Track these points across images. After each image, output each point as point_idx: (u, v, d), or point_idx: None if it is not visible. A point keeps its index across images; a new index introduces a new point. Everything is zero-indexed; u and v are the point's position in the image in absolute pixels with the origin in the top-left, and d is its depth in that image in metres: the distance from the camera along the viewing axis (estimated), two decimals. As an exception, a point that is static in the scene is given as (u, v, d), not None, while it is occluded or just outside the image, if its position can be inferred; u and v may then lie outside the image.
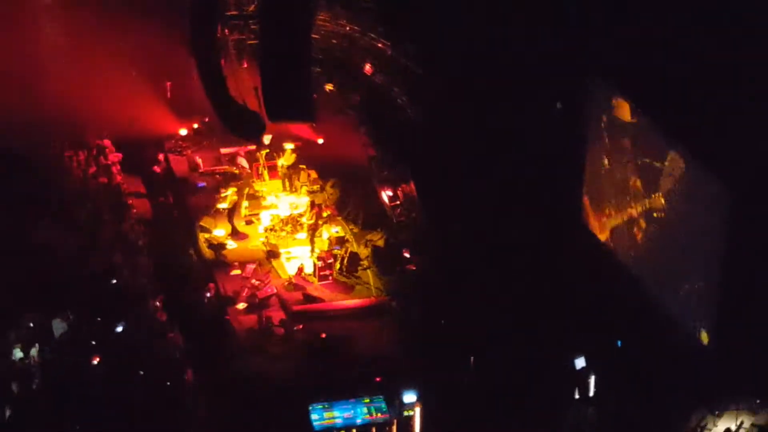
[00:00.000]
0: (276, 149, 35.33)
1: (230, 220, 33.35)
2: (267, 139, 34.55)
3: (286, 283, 31.70)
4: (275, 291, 31.26)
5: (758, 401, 25.66)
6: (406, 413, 27.19)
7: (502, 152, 30.10)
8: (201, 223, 33.41)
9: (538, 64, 29.08)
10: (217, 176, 35.63)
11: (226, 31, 33.39)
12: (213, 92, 31.74)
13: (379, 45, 33.39)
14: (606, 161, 28.63)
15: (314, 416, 26.86)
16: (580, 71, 28.38)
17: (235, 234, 33.29)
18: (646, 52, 25.82)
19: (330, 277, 31.88)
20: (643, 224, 27.29)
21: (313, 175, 34.78)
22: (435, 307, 29.92)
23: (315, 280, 31.82)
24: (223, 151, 36.49)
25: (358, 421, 27.03)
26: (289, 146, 35.12)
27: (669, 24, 25.37)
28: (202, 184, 35.35)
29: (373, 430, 27.12)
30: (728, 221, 24.22)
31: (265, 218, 33.79)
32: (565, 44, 28.39)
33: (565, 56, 28.49)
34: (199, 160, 36.12)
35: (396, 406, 27.21)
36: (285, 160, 35.11)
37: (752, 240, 23.70)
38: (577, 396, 27.81)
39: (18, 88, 33.83)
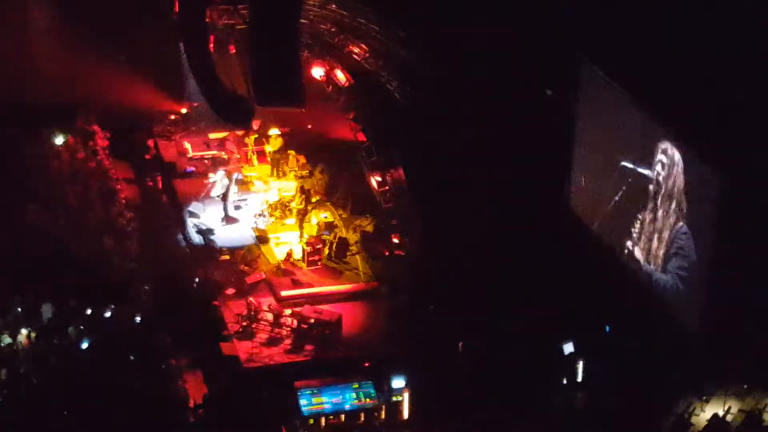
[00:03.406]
0: (263, 135, 35.30)
1: (224, 206, 33.32)
2: (256, 124, 34.52)
3: (275, 269, 31.69)
4: (264, 276, 31.26)
5: (746, 386, 25.75)
6: (394, 398, 27.25)
7: (492, 138, 30.09)
8: (190, 209, 33.37)
9: (530, 50, 29.07)
10: (206, 161, 35.59)
11: (215, 16, 33.29)
12: (202, 77, 31.73)
13: (369, 30, 33.33)
14: (597, 149, 28.64)
15: (303, 401, 26.90)
16: (572, 58, 28.35)
17: (225, 219, 33.30)
18: (639, 40, 25.84)
19: (319, 263, 31.87)
20: (634, 212, 27.30)
21: (302, 160, 34.74)
22: (424, 293, 29.95)
23: (304, 265, 31.80)
24: (212, 136, 36.44)
25: (347, 406, 27.08)
26: (274, 131, 35.07)
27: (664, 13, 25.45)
28: (190, 169, 35.31)
29: (362, 415, 27.18)
30: (719, 208, 24.24)
31: (254, 203, 33.77)
32: (559, 30, 28.35)
33: (558, 43, 28.46)
34: (188, 145, 36.08)
35: (385, 391, 27.26)
36: (272, 146, 35.09)
37: (742, 228, 23.75)
38: (565, 381, 27.89)
39: (6, 72, 33.73)
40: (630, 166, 27.00)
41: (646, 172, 26.53)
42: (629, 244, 27.57)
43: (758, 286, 24.03)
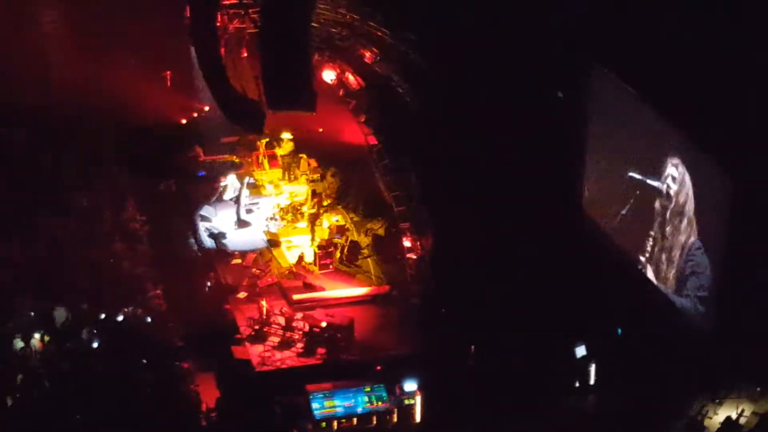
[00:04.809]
0: (274, 139, 35.32)
1: (237, 209, 33.36)
2: (267, 128, 34.46)
3: (287, 272, 31.71)
4: (276, 280, 31.28)
5: (759, 389, 25.69)
6: (406, 401, 27.26)
7: (503, 141, 30.06)
8: (201, 212, 33.41)
9: (540, 53, 29.02)
10: (218, 165, 35.62)
11: (226, 20, 33.32)
12: (213, 81, 31.74)
13: (379, 33, 33.33)
14: (607, 151, 28.58)
15: (315, 405, 26.92)
16: (584, 60, 28.30)
17: (237, 222, 33.33)
18: (649, 43, 25.79)
19: (330, 266, 31.91)
20: (643, 226, 27.21)
21: (314, 163, 34.76)
22: (435, 296, 29.93)
23: (315, 268, 31.84)
24: (224, 139, 36.47)
25: (359, 409, 27.09)
26: (286, 135, 35.11)
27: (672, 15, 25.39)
28: (202, 173, 35.35)
29: (374, 418, 27.18)
30: (729, 212, 24.18)
31: (266, 207, 33.79)
32: (571, 34, 28.32)
33: (569, 46, 28.43)
34: (200, 149, 36.09)
35: (397, 394, 27.27)
36: (283, 150, 35.10)
37: (753, 229, 23.68)
38: (577, 384, 27.85)
39: (17, 76, 33.78)
40: (638, 176, 26.92)
41: (655, 183, 26.43)
42: (641, 259, 27.46)
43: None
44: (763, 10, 23.86)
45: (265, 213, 33.63)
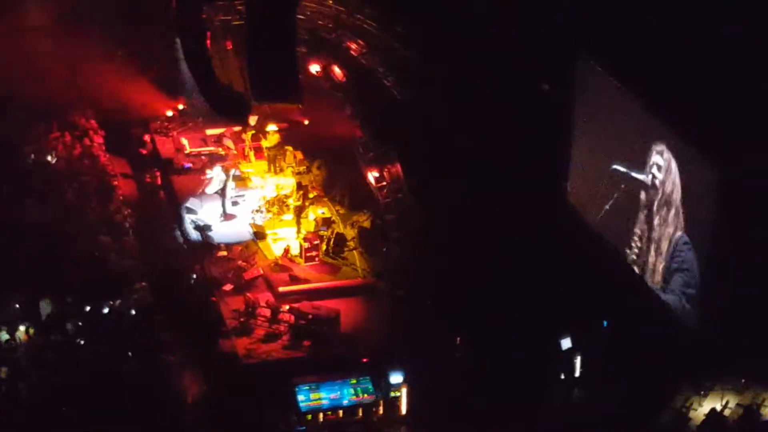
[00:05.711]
0: (260, 131, 35.28)
1: (223, 202, 33.32)
2: (253, 120, 34.49)
3: (273, 264, 31.68)
4: (261, 272, 31.25)
5: (743, 381, 25.78)
6: (392, 394, 27.27)
7: (489, 132, 30.09)
8: (187, 205, 33.36)
9: (527, 47, 29.06)
10: (203, 157, 35.57)
11: (212, 12, 33.30)
12: (199, 73, 31.73)
13: (366, 26, 33.34)
14: (590, 149, 28.62)
15: (300, 397, 26.92)
16: (570, 52, 28.34)
17: (222, 215, 33.29)
18: (636, 34, 25.86)
19: (316, 258, 31.87)
20: (628, 221, 27.25)
21: (299, 156, 34.70)
22: (421, 288, 29.94)
23: (301, 261, 31.81)
24: (209, 132, 36.41)
25: (345, 402, 27.10)
26: (272, 128, 35.05)
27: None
28: (188, 165, 35.29)
29: (360, 411, 27.19)
30: (715, 201, 24.24)
31: (252, 199, 33.76)
32: (557, 25, 28.35)
33: (555, 37, 28.46)
34: (185, 142, 36.05)
35: (383, 386, 27.28)
36: (269, 142, 35.05)
37: (738, 222, 23.74)
38: (562, 376, 27.89)
39: (2, 69, 33.71)
40: (623, 169, 26.91)
41: (640, 176, 26.43)
42: (627, 251, 27.47)
43: (756, 284, 24.02)
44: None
45: (251, 205, 33.56)
